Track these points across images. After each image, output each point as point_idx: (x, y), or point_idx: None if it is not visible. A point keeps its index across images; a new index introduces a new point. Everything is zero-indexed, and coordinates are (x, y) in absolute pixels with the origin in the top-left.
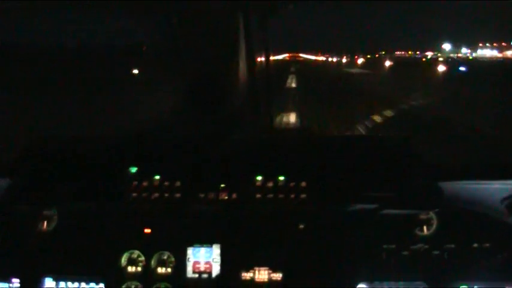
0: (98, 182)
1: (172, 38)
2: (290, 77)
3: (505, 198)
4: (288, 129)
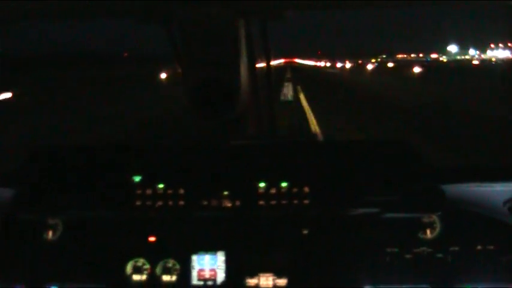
0: (102, 190)
1: (173, 45)
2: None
3: (507, 201)
4: (290, 134)
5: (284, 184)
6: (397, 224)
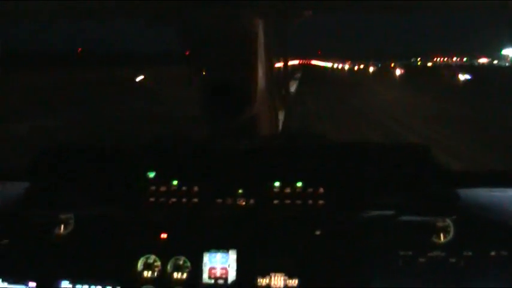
0: (115, 186)
1: (189, 45)
2: None
3: None
4: (305, 135)
5: (299, 184)
6: (411, 227)
